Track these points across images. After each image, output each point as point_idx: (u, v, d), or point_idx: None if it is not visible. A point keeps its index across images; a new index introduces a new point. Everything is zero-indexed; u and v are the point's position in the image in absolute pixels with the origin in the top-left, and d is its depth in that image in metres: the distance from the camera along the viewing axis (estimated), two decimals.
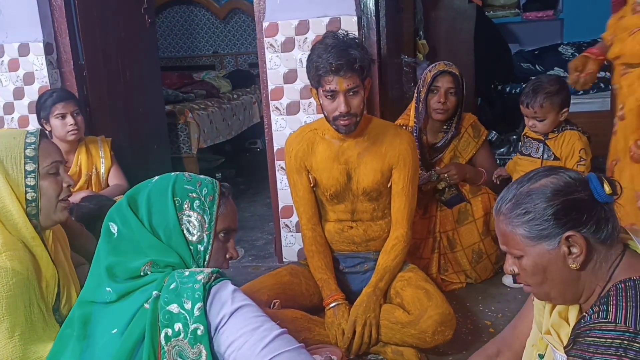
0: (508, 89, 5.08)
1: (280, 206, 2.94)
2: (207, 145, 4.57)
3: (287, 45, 2.75)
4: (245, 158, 5.82)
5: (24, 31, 3.02)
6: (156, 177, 1.33)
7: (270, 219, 3.48)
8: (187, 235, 1.26)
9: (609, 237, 1.13)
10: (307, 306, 2.24)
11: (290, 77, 2.78)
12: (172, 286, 1.15)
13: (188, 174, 1.34)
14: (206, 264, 1.28)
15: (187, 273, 1.18)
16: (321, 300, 2.22)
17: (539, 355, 1.30)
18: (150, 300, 1.16)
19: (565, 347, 1.12)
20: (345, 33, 2.08)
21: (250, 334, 1.13)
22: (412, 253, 2.42)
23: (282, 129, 2.83)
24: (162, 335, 1.13)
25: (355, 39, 2.08)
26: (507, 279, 2.62)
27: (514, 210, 1.15)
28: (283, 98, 2.80)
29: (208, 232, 1.28)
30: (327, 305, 2.17)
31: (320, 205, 2.31)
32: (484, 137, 2.77)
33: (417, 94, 2.70)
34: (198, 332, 1.12)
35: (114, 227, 1.26)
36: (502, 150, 4.43)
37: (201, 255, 1.28)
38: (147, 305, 1.16)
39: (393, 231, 2.25)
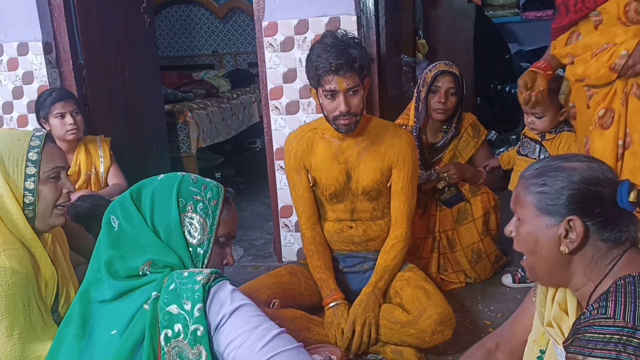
0: (507, 89, 5.09)
1: (279, 206, 2.94)
2: (207, 144, 4.58)
3: (287, 45, 2.74)
4: (244, 157, 5.82)
5: (23, 30, 3.02)
6: (162, 175, 1.33)
7: (269, 219, 3.48)
8: (187, 237, 1.26)
9: (614, 240, 1.14)
10: (306, 306, 2.24)
11: (289, 76, 2.77)
12: (171, 287, 1.15)
13: (195, 175, 1.33)
14: (204, 267, 1.28)
15: (186, 274, 1.18)
16: (320, 300, 2.22)
17: (540, 350, 1.31)
18: (149, 301, 1.16)
19: (564, 343, 1.12)
20: (344, 32, 2.08)
21: (249, 332, 1.13)
22: (411, 253, 2.42)
23: (281, 128, 2.83)
24: (162, 336, 1.13)
25: (354, 39, 2.08)
26: (507, 279, 2.62)
27: (534, 177, 1.18)
28: (282, 97, 2.80)
29: (209, 236, 1.28)
30: (326, 304, 2.17)
31: (319, 205, 2.31)
32: (484, 137, 2.78)
33: (417, 94, 2.70)
34: (198, 333, 1.12)
35: (115, 221, 1.26)
36: (502, 150, 4.41)
37: (200, 259, 1.27)
38: (146, 306, 1.16)
39: (392, 231, 2.25)
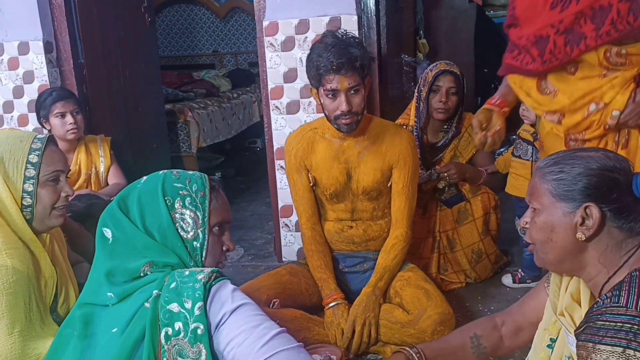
0: None
1: (279, 205, 2.94)
2: (207, 144, 4.58)
3: (287, 45, 2.74)
4: (245, 157, 5.82)
5: (23, 30, 3.02)
6: (144, 177, 1.32)
7: (269, 218, 3.48)
8: (181, 233, 1.26)
9: (628, 229, 1.14)
10: (306, 305, 2.24)
11: (290, 76, 2.77)
12: (172, 285, 1.15)
13: (176, 171, 1.32)
14: (203, 260, 1.28)
15: (187, 272, 1.18)
16: (320, 300, 2.22)
17: (551, 339, 1.32)
18: (150, 300, 1.16)
19: (575, 331, 1.13)
20: (344, 32, 2.08)
21: (249, 331, 1.13)
22: (411, 253, 2.42)
23: (282, 128, 2.83)
24: (162, 334, 1.13)
25: (355, 38, 2.08)
26: (507, 279, 2.62)
27: (551, 166, 1.19)
28: (283, 97, 2.80)
29: (202, 228, 1.27)
30: (326, 304, 2.17)
31: (319, 205, 2.31)
32: None
33: (417, 94, 2.70)
34: (198, 331, 1.12)
35: (108, 232, 1.25)
36: (502, 149, 4.41)
37: (198, 252, 1.27)
38: (147, 305, 1.16)
39: (393, 231, 2.25)
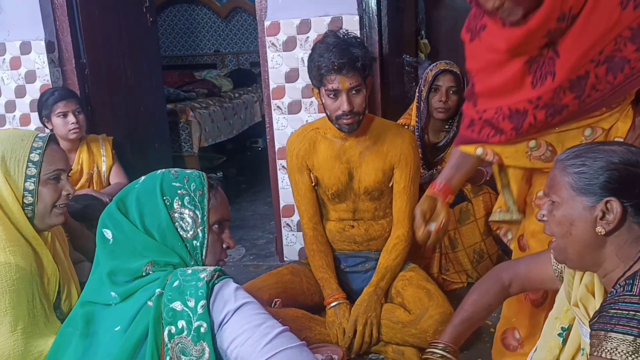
0: None
1: (281, 205, 2.94)
2: (209, 144, 4.59)
3: (289, 44, 2.75)
4: (246, 157, 5.83)
5: (25, 29, 3.03)
6: (142, 177, 1.32)
7: (271, 218, 3.49)
8: (181, 232, 1.26)
9: None
10: (308, 305, 2.24)
11: (291, 76, 2.78)
12: (175, 284, 1.15)
13: (174, 170, 1.32)
14: (204, 258, 1.28)
15: (190, 271, 1.18)
16: (322, 300, 2.22)
17: (562, 327, 1.32)
18: (153, 298, 1.16)
19: (590, 321, 1.13)
20: (346, 32, 2.08)
21: (252, 330, 1.13)
22: (413, 252, 2.42)
23: (283, 128, 2.83)
24: (166, 333, 1.13)
25: (356, 38, 2.08)
26: None
27: (573, 159, 1.17)
28: (284, 97, 2.80)
29: (202, 227, 1.27)
30: (328, 304, 2.17)
31: (321, 205, 2.31)
32: None
33: (418, 94, 2.70)
34: (201, 330, 1.12)
35: (108, 233, 1.26)
36: None
37: (198, 251, 1.27)
38: (150, 303, 1.16)
39: (394, 231, 2.25)
